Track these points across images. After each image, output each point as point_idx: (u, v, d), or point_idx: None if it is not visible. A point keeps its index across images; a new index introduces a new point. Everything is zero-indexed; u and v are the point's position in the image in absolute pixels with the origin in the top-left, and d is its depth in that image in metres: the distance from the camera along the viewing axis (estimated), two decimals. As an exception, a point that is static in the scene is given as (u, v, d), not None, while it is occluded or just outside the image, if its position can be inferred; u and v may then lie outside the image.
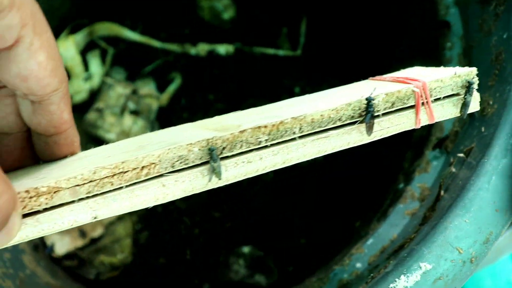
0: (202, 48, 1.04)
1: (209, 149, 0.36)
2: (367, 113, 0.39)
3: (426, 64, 0.76)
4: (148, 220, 0.92)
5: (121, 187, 0.36)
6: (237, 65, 1.04)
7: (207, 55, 1.04)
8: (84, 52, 1.02)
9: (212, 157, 0.36)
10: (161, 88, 1.02)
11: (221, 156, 0.37)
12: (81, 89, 1.00)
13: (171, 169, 0.36)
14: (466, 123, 0.55)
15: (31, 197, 0.34)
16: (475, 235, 0.41)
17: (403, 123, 0.41)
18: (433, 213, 0.47)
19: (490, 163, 0.44)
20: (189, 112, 1.00)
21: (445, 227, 0.41)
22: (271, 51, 1.05)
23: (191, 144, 0.36)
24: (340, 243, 0.71)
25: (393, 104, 0.40)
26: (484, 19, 0.56)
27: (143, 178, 0.36)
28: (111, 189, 0.35)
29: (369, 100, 0.39)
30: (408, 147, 0.68)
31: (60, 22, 1.00)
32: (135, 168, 0.35)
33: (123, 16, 1.06)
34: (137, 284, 0.87)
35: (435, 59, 0.67)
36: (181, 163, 0.36)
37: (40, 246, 0.86)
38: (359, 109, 0.39)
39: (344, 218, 0.85)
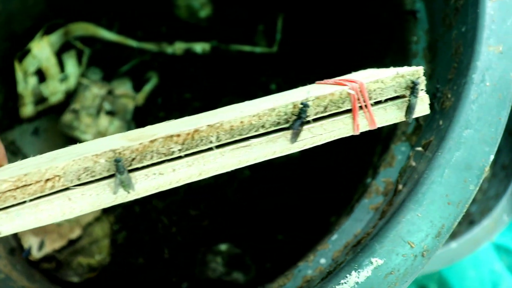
0: (178, 47, 1.04)
1: (115, 160, 0.34)
2: (296, 119, 0.36)
3: (396, 60, 0.76)
4: (125, 220, 0.91)
5: (24, 202, 0.34)
6: (213, 63, 1.03)
7: (183, 53, 1.04)
8: (59, 53, 1.02)
9: (118, 169, 0.34)
10: (137, 88, 1.01)
11: (130, 167, 0.34)
12: (57, 90, 0.99)
13: (77, 182, 0.34)
14: (429, 117, 0.55)
15: None
16: (427, 228, 0.41)
17: (338, 129, 0.38)
18: (390, 207, 0.48)
19: (444, 156, 0.43)
20: (166, 112, 1.00)
21: (398, 222, 0.41)
22: (247, 48, 1.04)
23: (96, 155, 0.34)
24: (314, 239, 0.71)
25: (325, 108, 0.37)
26: (447, 13, 0.56)
27: (47, 192, 0.34)
28: (14, 203, 0.34)
29: (296, 105, 0.36)
30: (378, 141, 0.69)
31: (35, 23, 0.99)
32: (38, 181, 0.34)
33: (99, 15, 1.05)
34: (116, 284, 0.87)
35: (403, 54, 0.67)
36: (87, 175, 0.34)
37: (17, 249, 0.86)
38: (285, 114, 0.36)
39: (320, 214, 0.85)
